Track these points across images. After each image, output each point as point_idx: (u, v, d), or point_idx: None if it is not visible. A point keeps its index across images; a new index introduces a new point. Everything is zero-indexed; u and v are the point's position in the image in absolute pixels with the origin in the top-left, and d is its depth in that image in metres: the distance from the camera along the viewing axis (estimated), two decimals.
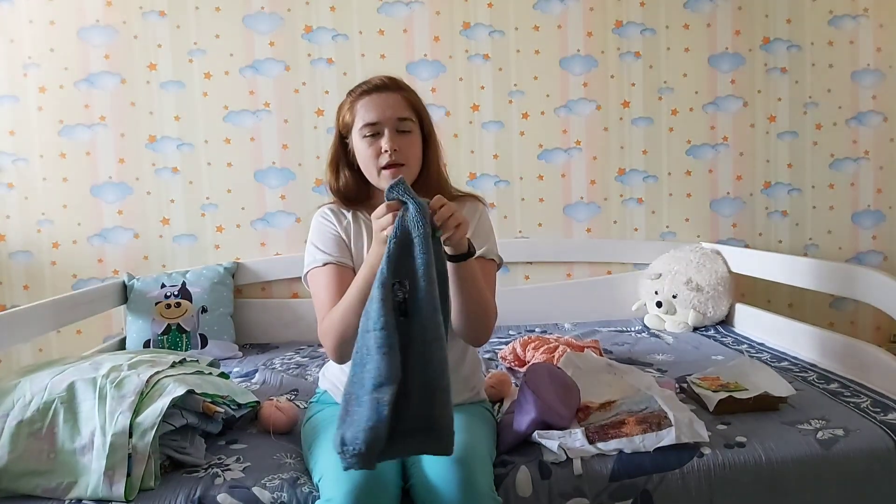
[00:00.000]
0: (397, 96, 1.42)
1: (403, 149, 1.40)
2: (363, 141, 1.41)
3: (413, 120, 1.43)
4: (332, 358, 1.37)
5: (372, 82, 1.44)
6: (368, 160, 1.41)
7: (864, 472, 1.37)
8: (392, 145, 1.38)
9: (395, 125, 1.40)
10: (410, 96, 1.45)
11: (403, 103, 1.42)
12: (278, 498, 1.26)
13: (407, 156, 1.40)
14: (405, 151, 1.40)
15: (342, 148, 1.50)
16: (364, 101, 1.42)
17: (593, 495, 1.31)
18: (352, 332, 1.19)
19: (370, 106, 1.41)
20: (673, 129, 2.78)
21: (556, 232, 2.79)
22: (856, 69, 2.81)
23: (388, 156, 1.38)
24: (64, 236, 2.64)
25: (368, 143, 1.40)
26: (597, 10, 2.73)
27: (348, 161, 1.50)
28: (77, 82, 2.61)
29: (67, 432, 1.33)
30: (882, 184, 2.85)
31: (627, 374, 1.68)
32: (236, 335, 2.50)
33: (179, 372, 1.54)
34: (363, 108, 1.41)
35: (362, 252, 1.46)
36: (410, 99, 1.45)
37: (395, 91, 1.43)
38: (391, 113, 1.40)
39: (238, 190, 2.68)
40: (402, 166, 1.39)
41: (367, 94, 1.43)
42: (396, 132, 1.40)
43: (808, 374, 1.84)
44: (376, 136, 1.40)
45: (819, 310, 2.84)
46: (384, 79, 1.45)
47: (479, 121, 2.73)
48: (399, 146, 1.39)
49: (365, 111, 1.41)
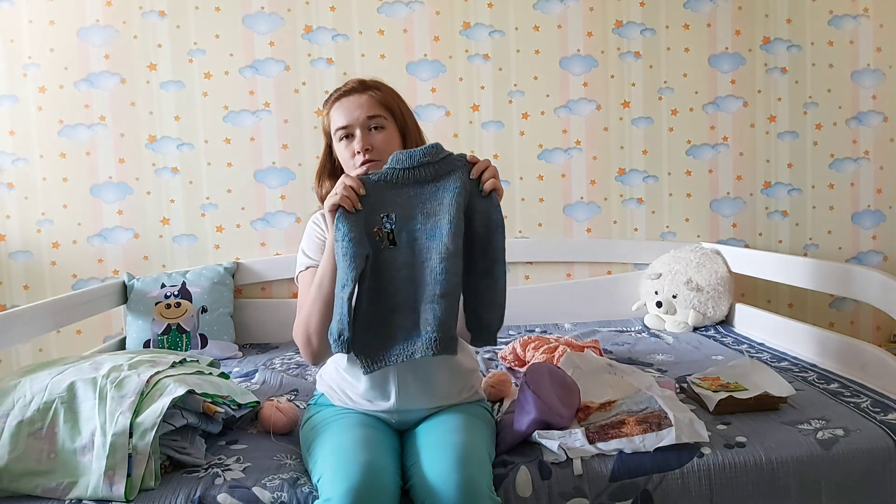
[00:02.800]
0: (365, 97, 1.45)
1: (378, 145, 1.43)
2: (340, 144, 1.46)
3: (384, 116, 1.45)
4: (305, 358, 1.43)
5: (342, 88, 1.48)
6: (347, 162, 1.46)
7: (864, 472, 1.37)
8: (363, 144, 1.42)
9: (365, 124, 1.43)
10: (380, 94, 1.47)
11: (371, 102, 1.45)
12: (278, 498, 1.26)
13: (381, 151, 1.42)
14: (379, 148, 1.43)
15: (329, 155, 1.55)
16: (336, 107, 1.47)
17: (593, 495, 1.31)
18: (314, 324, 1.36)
19: (340, 110, 1.45)
20: (673, 129, 2.79)
21: (556, 232, 2.79)
22: (856, 69, 2.81)
23: (361, 155, 1.42)
24: (64, 236, 2.64)
25: (345, 146, 1.45)
26: (597, 10, 2.73)
27: (333, 168, 1.54)
28: (77, 82, 2.61)
29: (68, 432, 1.33)
30: (882, 184, 2.85)
31: (627, 374, 1.68)
32: (236, 335, 2.50)
33: (179, 372, 1.54)
34: (335, 113, 1.46)
35: None
36: (379, 97, 1.46)
37: (362, 92, 1.46)
38: (359, 113, 1.43)
39: (238, 190, 2.68)
40: (377, 162, 1.42)
41: (339, 99, 1.47)
42: (368, 130, 1.43)
43: (808, 374, 1.84)
44: (349, 137, 1.44)
45: (819, 310, 2.84)
46: (354, 82, 1.49)
47: (479, 121, 2.73)
48: (373, 143, 1.43)
49: (336, 116, 1.46)
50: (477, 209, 1.33)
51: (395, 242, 1.33)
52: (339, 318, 1.29)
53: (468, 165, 1.35)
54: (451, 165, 1.34)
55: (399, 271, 1.32)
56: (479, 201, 1.33)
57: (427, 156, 1.33)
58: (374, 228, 1.33)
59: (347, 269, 1.28)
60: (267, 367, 2.16)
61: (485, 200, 1.34)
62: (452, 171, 1.33)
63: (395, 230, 1.33)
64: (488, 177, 1.34)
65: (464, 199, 1.32)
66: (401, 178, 1.33)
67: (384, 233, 1.33)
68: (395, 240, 1.33)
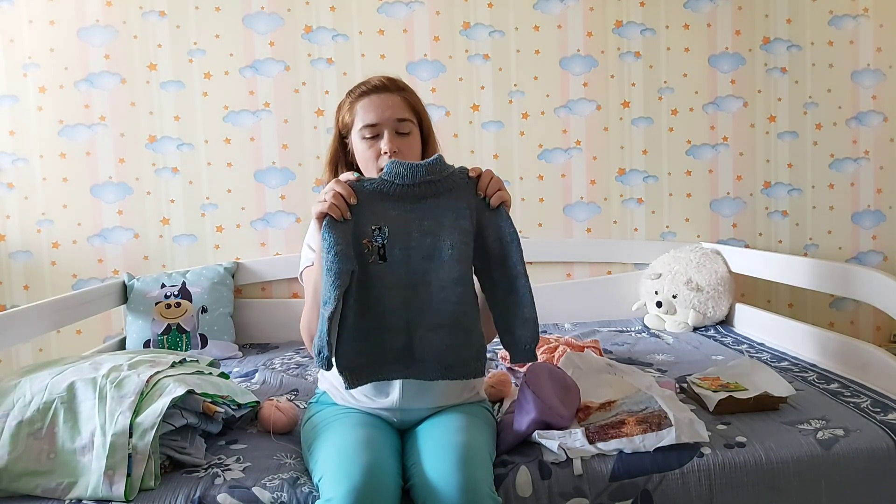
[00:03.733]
0: (397, 97, 1.42)
1: (403, 150, 1.40)
2: (363, 142, 1.41)
3: (412, 121, 1.43)
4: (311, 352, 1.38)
5: (371, 82, 1.44)
6: (368, 161, 1.42)
7: (864, 472, 1.37)
8: (391, 147, 1.38)
9: (394, 126, 1.40)
10: (410, 97, 1.45)
11: (403, 104, 1.42)
12: (278, 498, 1.26)
13: (406, 157, 1.40)
14: (404, 153, 1.40)
15: (342, 148, 1.50)
16: (364, 102, 1.42)
17: (593, 495, 1.31)
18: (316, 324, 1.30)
19: (370, 107, 1.41)
20: (673, 129, 2.79)
21: (556, 232, 2.79)
22: (856, 69, 2.81)
23: (387, 157, 1.38)
24: (64, 236, 2.64)
25: (368, 145, 1.41)
26: (597, 10, 2.73)
27: (347, 161, 1.50)
28: (77, 82, 2.61)
29: (67, 432, 1.33)
30: (882, 184, 2.85)
31: (627, 374, 1.68)
32: (236, 335, 2.50)
33: (179, 372, 1.54)
34: (363, 108, 1.41)
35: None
36: (410, 100, 1.44)
37: (394, 92, 1.43)
38: (390, 114, 1.40)
39: (238, 190, 2.68)
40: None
41: (367, 94, 1.42)
42: (396, 133, 1.40)
43: (808, 374, 1.84)
44: (376, 137, 1.40)
45: (819, 310, 2.84)
46: (384, 79, 1.45)
47: (479, 121, 2.73)
48: (398, 147, 1.39)
49: (364, 112, 1.41)
50: (487, 224, 1.30)
51: (385, 258, 1.27)
52: (320, 334, 1.23)
53: (472, 182, 1.31)
54: (453, 183, 1.29)
55: (389, 290, 1.27)
56: (489, 215, 1.31)
57: (430, 174, 1.28)
58: (363, 240, 1.27)
59: (331, 287, 1.22)
60: (267, 367, 2.16)
61: (494, 214, 1.31)
62: (453, 189, 1.29)
63: (387, 245, 1.27)
64: (494, 190, 1.31)
65: (470, 223, 1.28)
66: (398, 191, 1.28)
67: (374, 246, 1.27)
68: (386, 255, 1.27)
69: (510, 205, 1.34)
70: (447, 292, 1.26)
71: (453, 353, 1.29)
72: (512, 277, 1.31)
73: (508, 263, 1.31)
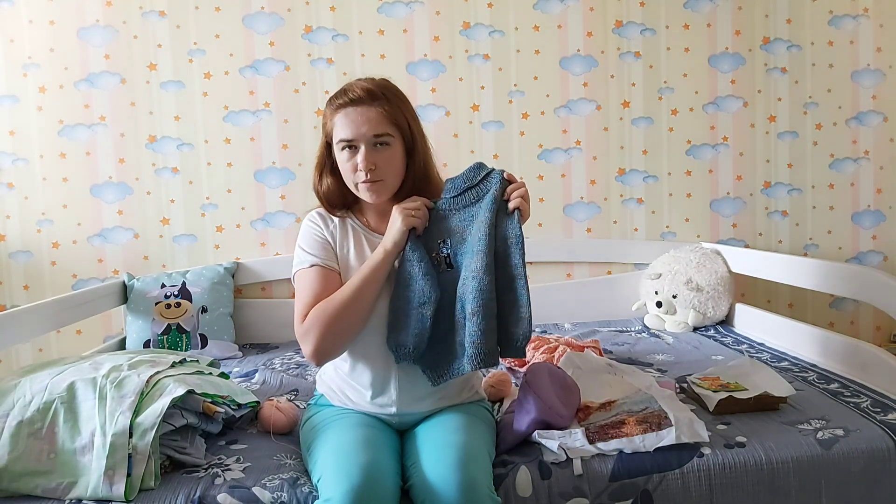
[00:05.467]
0: (374, 111, 1.37)
1: (381, 164, 1.38)
2: (342, 154, 1.41)
3: (391, 134, 1.39)
4: (310, 355, 1.36)
5: (349, 94, 1.39)
6: (347, 173, 1.42)
7: (864, 472, 1.37)
8: (367, 164, 1.37)
9: (371, 141, 1.38)
10: (388, 109, 1.39)
11: (380, 118, 1.38)
12: (278, 498, 1.26)
13: (384, 171, 1.39)
14: (382, 167, 1.39)
15: (327, 153, 1.48)
16: (340, 116, 1.39)
17: (593, 495, 1.31)
18: (340, 328, 1.33)
19: (345, 122, 1.38)
20: (673, 129, 2.79)
21: (556, 232, 2.79)
22: (856, 69, 2.81)
23: (363, 174, 1.38)
24: (64, 236, 2.64)
25: (346, 157, 1.40)
26: (597, 10, 2.73)
27: (332, 166, 1.48)
28: (77, 82, 2.61)
29: (67, 432, 1.33)
30: (882, 184, 2.85)
31: (627, 374, 1.68)
32: (236, 335, 2.50)
33: (179, 372, 1.54)
34: (339, 122, 1.39)
35: (348, 255, 1.46)
36: (388, 112, 1.38)
37: (371, 104, 1.37)
38: (366, 129, 1.37)
39: (238, 190, 2.68)
40: (379, 182, 1.40)
41: (343, 107, 1.39)
42: (373, 147, 1.38)
43: (809, 374, 1.84)
44: (353, 149, 1.39)
45: (819, 310, 2.84)
46: (362, 91, 1.39)
47: (479, 121, 2.73)
48: (376, 162, 1.38)
49: (340, 127, 1.39)
50: (499, 224, 1.37)
51: (451, 265, 1.41)
52: (419, 332, 1.35)
53: (504, 182, 1.39)
54: (490, 185, 1.40)
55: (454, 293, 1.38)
56: (503, 217, 1.38)
57: (467, 181, 1.42)
58: (433, 254, 1.41)
59: (430, 289, 1.35)
60: (267, 367, 2.16)
61: (507, 217, 1.38)
62: (489, 190, 1.39)
63: (452, 254, 1.41)
64: (516, 196, 1.36)
65: (493, 215, 1.37)
66: (452, 205, 1.43)
67: (441, 257, 1.41)
68: (453, 263, 1.40)
69: (527, 217, 1.38)
70: (476, 281, 1.32)
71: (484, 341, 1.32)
72: (511, 277, 1.35)
73: (509, 264, 1.35)
